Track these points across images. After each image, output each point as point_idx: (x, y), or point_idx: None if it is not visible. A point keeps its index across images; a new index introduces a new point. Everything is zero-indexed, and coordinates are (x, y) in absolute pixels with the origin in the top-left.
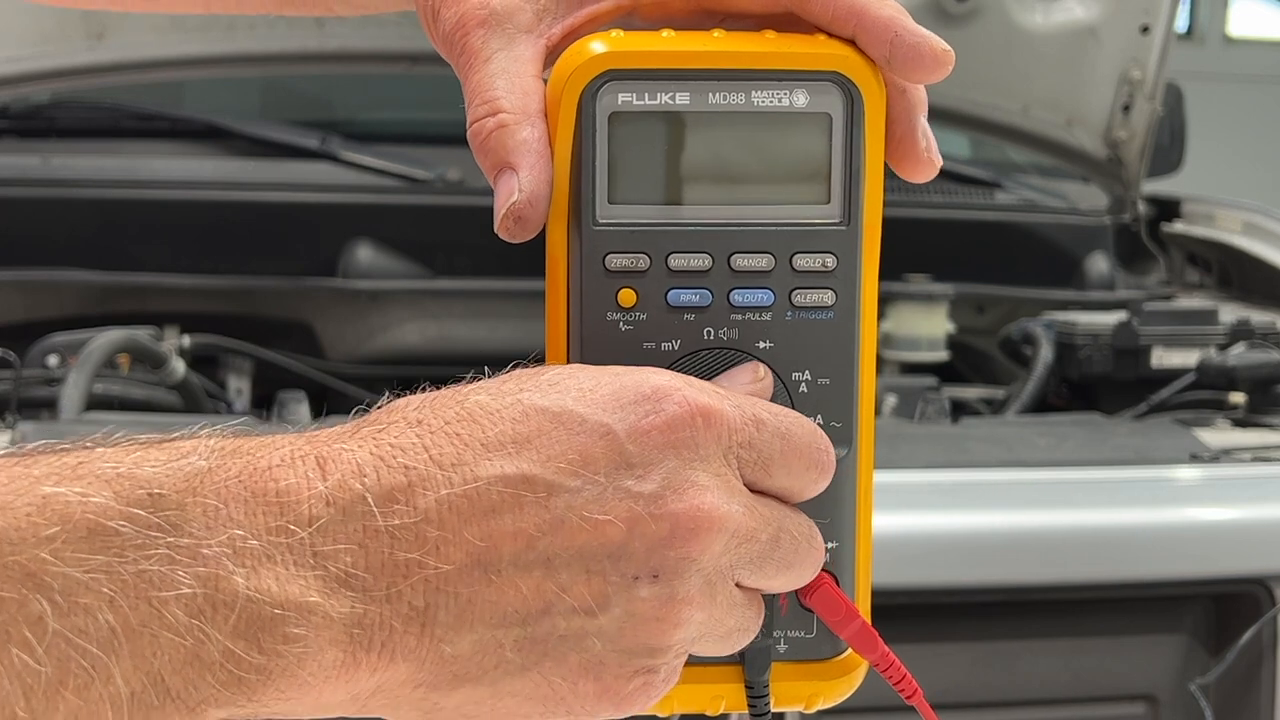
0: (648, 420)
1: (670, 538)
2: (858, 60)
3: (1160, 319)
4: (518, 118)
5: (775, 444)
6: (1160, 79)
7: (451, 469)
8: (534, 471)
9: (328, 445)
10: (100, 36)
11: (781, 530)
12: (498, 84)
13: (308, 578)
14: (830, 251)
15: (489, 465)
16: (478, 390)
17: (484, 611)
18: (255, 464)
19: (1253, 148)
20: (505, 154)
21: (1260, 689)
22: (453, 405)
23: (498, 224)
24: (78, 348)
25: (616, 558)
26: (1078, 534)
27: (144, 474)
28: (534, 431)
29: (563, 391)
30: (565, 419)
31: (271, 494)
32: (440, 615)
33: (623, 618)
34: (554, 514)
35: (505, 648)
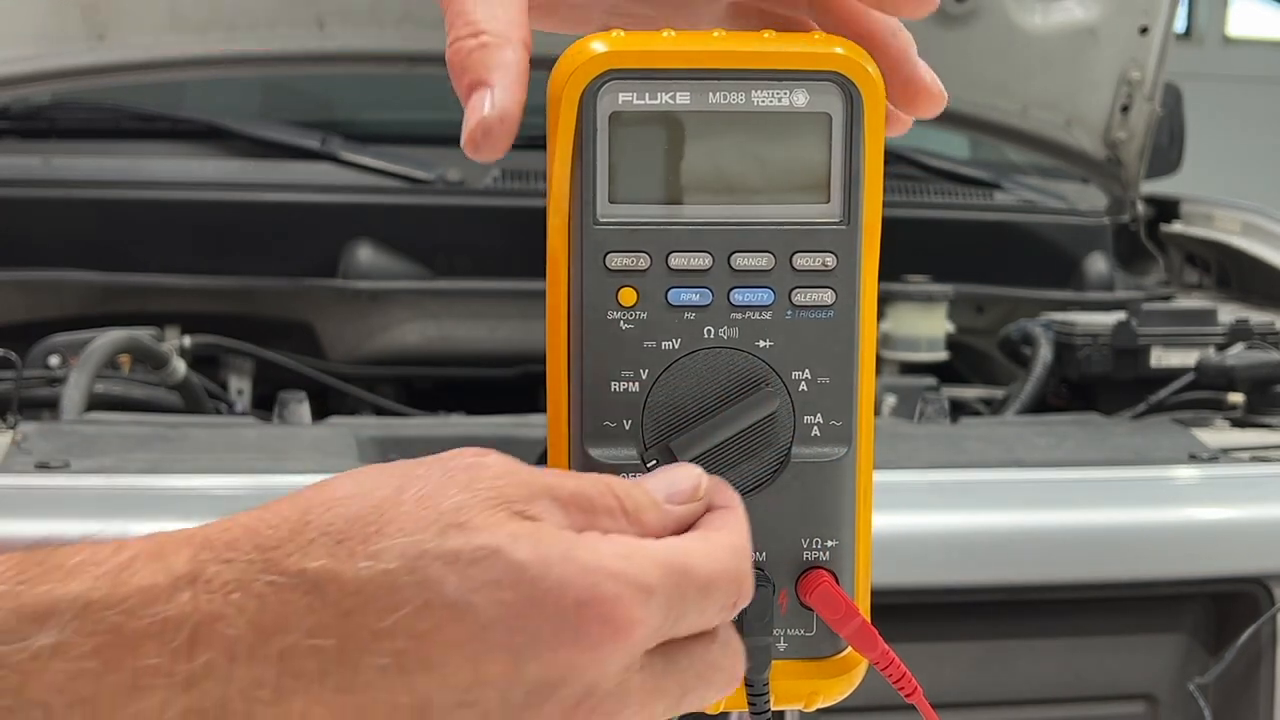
0: (556, 642)
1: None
2: (857, 60)
3: (1159, 319)
4: (499, 40)
5: (693, 618)
6: (1159, 79)
7: (331, 663)
8: (416, 679)
9: (208, 601)
10: (101, 37)
11: (690, 689)
12: (479, 9)
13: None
14: (830, 251)
15: (371, 664)
16: (391, 549)
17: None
18: (120, 631)
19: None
20: (482, 71)
21: (1259, 689)
22: (361, 564)
23: (465, 138)
24: (79, 348)
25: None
26: (1077, 534)
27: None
28: (431, 629)
29: (477, 585)
30: (469, 621)
31: (127, 673)
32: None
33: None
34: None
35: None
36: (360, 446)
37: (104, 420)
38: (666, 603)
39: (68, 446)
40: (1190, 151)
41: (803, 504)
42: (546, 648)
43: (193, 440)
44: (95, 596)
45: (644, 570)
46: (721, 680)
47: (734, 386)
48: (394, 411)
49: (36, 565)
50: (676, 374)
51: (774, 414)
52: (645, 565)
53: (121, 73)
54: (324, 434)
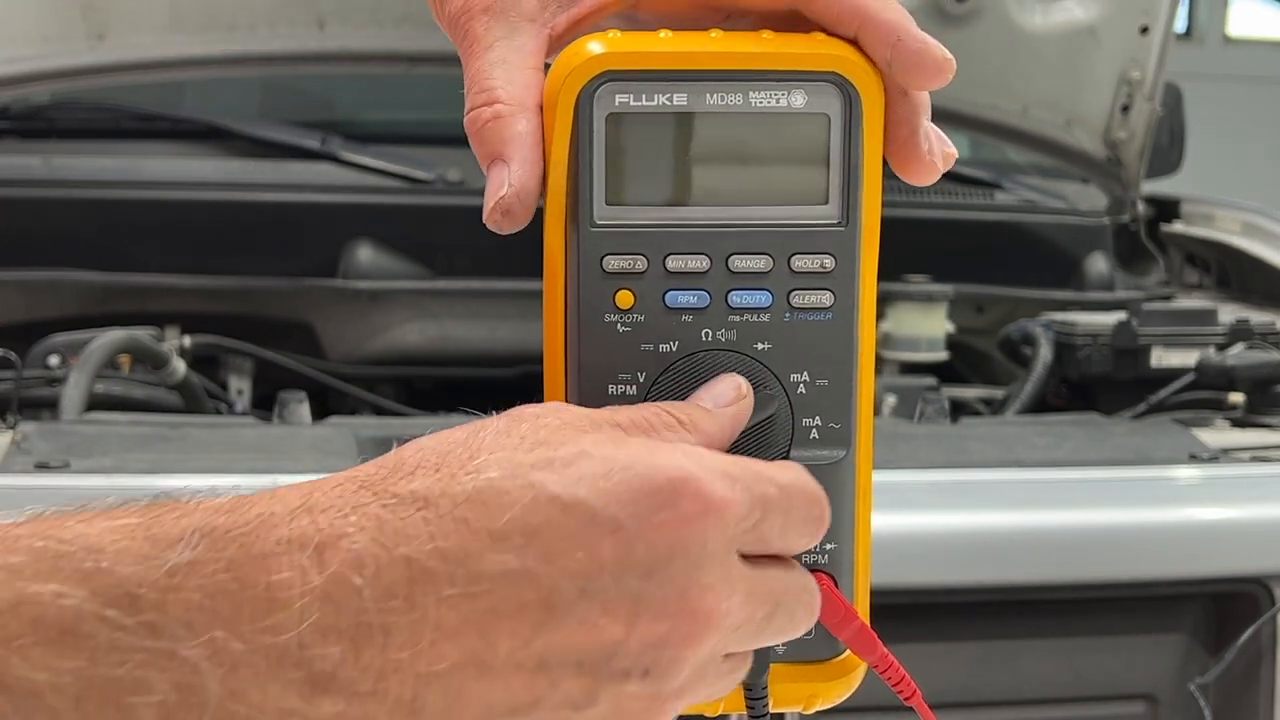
0: (659, 517)
1: (667, 639)
2: (856, 60)
3: (1159, 319)
4: (513, 109)
5: (777, 524)
6: (1159, 79)
7: (456, 563)
8: (539, 570)
9: (329, 523)
10: (101, 37)
11: (778, 604)
12: (496, 73)
13: (291, 679)
14: (828, 252)
15: (494, 561)
16: (489, 462)
17: (473, 704)
18: (249, 550)
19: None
20: (499, 145)
21: (1259, 689)
22: (464, 479)
23: (486, 215)
24: (79, 348)
25: (611, 655)
26: (1077, 534)
27: (124, 571)
28: (543, 522)
29: (576, 479)
30: (576, 511)
31: (261, 588)
32: (427, 708)
33: (608, 712)
34: (552, 613)
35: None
36: (360, 446)
37: (104, 420)
38: (750, 492)
39: (67, 447)
40: (1190, 151)
41: None
42: (650, 526)
43: (193, 440)
44: (218, 523)
45: (722, 462)
46: (804, 606)
47: None
48: (394, 411)
49: (157, 507)
50: (674, 376)
51: (773, 416)
52: (723, 459)
53: (121, 73)
54: (324, 434)
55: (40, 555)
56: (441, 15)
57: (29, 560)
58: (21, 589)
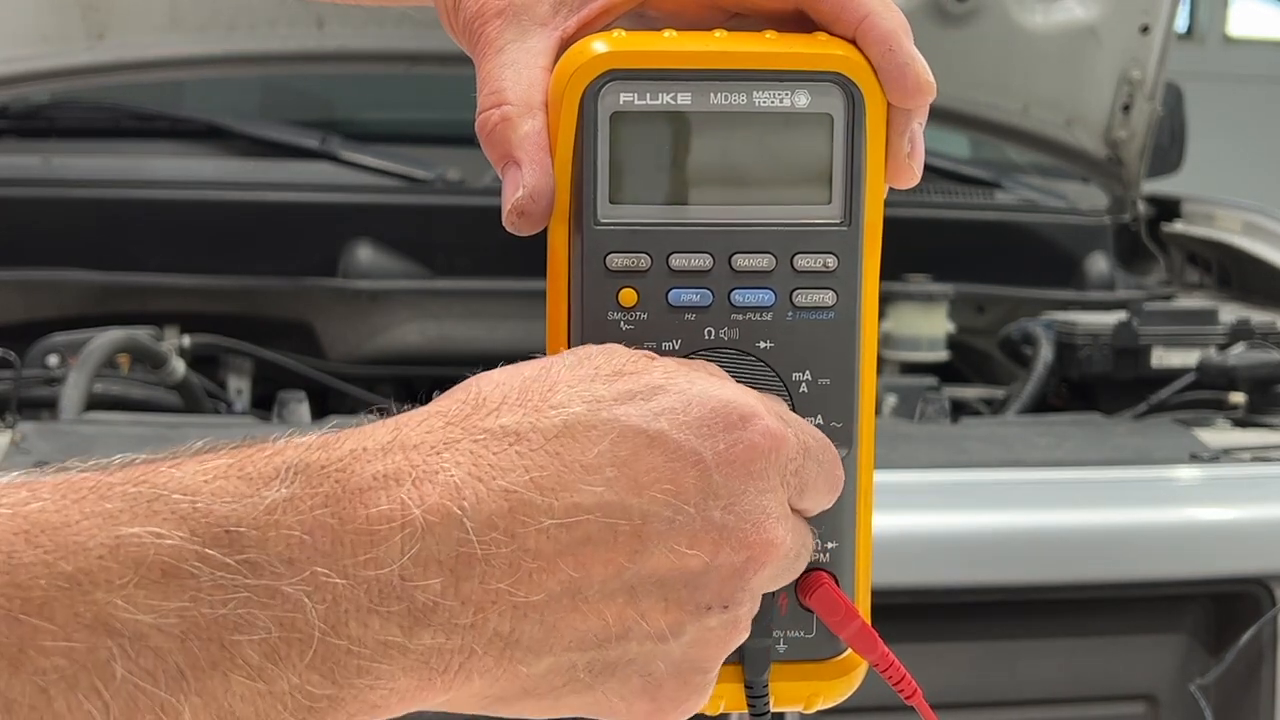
0: (734, 449)
1: (744, 568)
2: (859, 61)
3: (1160, 319)
4: (521, 111)
5: (814, 470)
6: (1160, 79)
7: (553, 494)
8: (631, 501)
9: (423, 459)
10: (100, 36)
11: (802, 549)
12: (505, 75)
13: (391, 612)
14: (831, 252)
15: (589, 492)
16: (571, 396)
17: (565, 636)
18: (345, 485)
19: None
20: (509, 147)
21: (1260, 689)
22: (550, 413)
23: (504, 218)
24: (78, 348)
25: (694, 587)
26: (1078, 534)
27: (221, 511)
28: (631, 455)
29: (657, 412)
30: (661, 443)
31: (361, 521)
32: (523, 639)
33: (690, 644)
34: (644, 543)
35: (578, 669)
36: None
37: (103, 420)
38: (797, 436)
39: (66, 446)
40: (1191, 151)
41: None
42: (725, 457)
43: (192, 440)
44: (311, 459)
45: (773, 404)
46: (804, 558)
47: None
48: (394, 412)
49: (247, 448)
50: None
51: None
52: (773, 402)
53: (121, 72)
54: None
55: (135, 500)
56: (454, 21)
57: (125, 505)
58: (120, 533)
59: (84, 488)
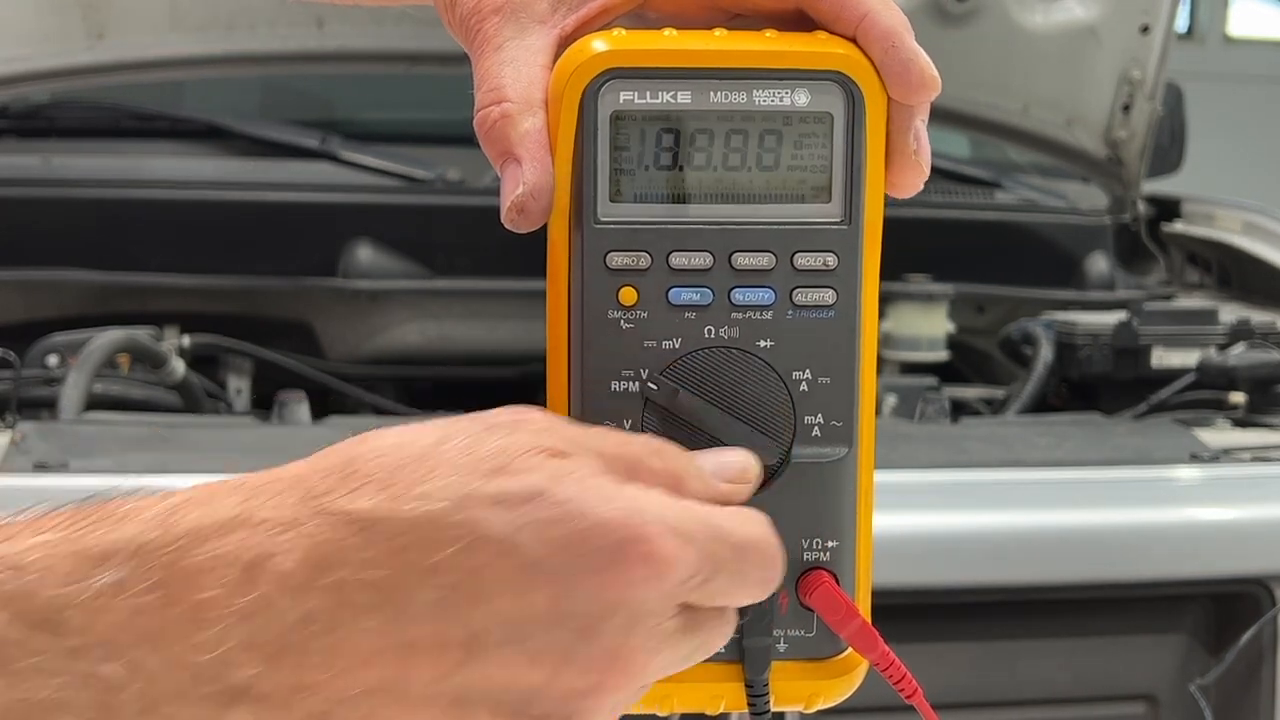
0: (601, 576)
1: (591, 690)
2: (860, 60)
3: (1160, 319)
4: (521, 108)
5: (724, 583)
6: (1160, 79)
7: (384, 594)
8: (467, 612)
9: (261, 540)
10: (100, 36)
11: (697, 648)
12: (505, 72)
13: (206, 693)
14: (831, 250)
15: (422, 597)
16: (440, 489)
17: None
18: (176, 568)
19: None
20: (509, 144)
21: (1260, 689)
22: (410, 503)
23: (503, 215)
24: (78, 348)
25: (530, 699)
26: (1078, 534)
27: (48, 593)
28: (480, 564)
29: (521, 523)
30: (515, 556)
31: (188, 606)
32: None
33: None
34: (474, 656)
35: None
36: None
37: (103, 420)
38: (702, 554)
39: (66, 446)
40: (1191, 151)
41: (803, 504)
42: (589, 583)
43: (191, 440)
44: (148, 539)
45: (682, 519)
46: (716, 643)
47: (735, 387)
48: (394, 411)
49: (88, 515)
50: (677, 374)
51: (773, 414)
52: (684, 515)
53: (121, 72)
54: (323, 434)
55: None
56: (451, 17)
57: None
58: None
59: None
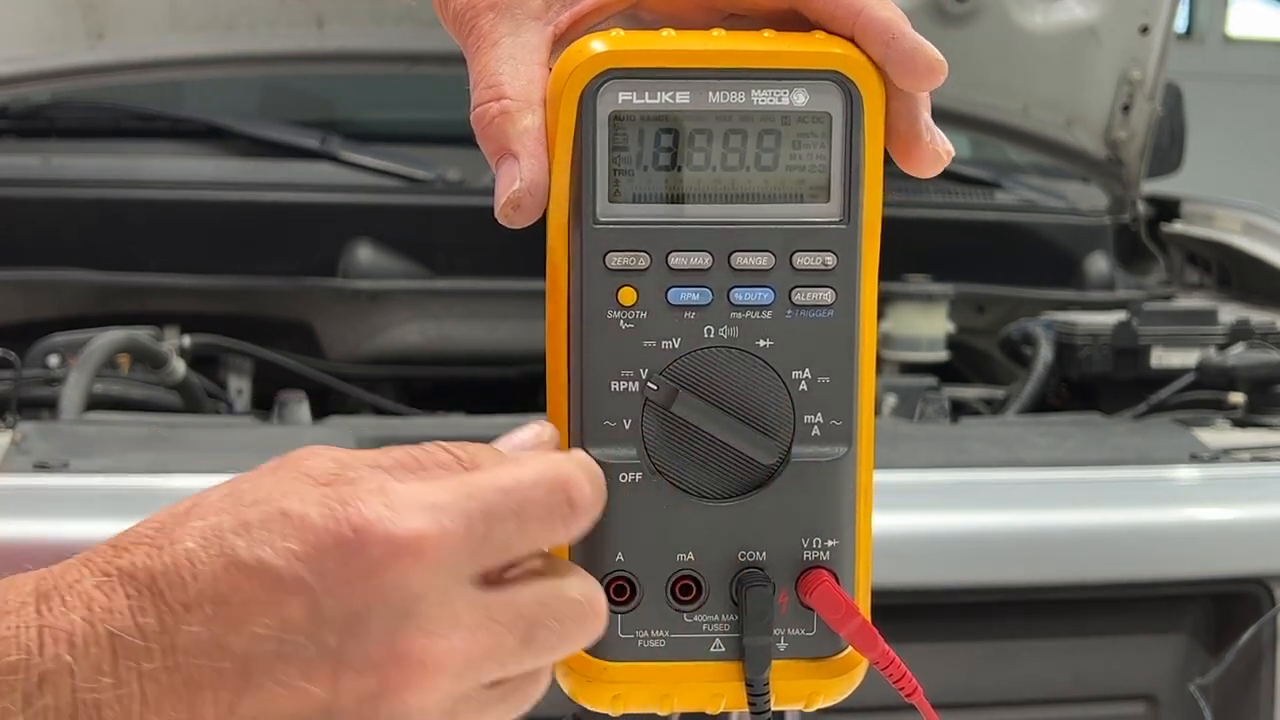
0: (346, 571)
1: (380, 691)
2: (857, 59)
3: (1160, 319)
4: (520, 105)
5: (510, 527)
6: (1160, 79)
7: (153, 638)
8: (229, 638)
9: (48, 611)
10: (100, 36)
11: (535, 623)
12: (503, 69)
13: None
14: (830, 250)
15: (185, 633)
16: (193, 530)
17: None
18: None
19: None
20: (507, 140)
21: (1260, 689)
22: (168, 549)
23: (498, 210)
24: (78, 348)
25: (326, 711)
26: (1078, 534)
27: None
28: (230, 589)
29: (263, 541)
30: (260, 574)
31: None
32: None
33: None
34: (250, 680)
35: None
36: (360, 446)
37: (103, 420)
38: (463, 513)
39: (67, 447)
40: (1191, 151)
41: (803, 504)
42: (336, 580)
43: (192, 440)
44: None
45: (430, 492)
46: (573, 613)
47: (734, 386)
48: (394, 411)
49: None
50: (676, 373)
51: (773, 414)
52: (433, 488)
53: (121, 72)
54: (324, 434)
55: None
56: (445, 12)
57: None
58: None
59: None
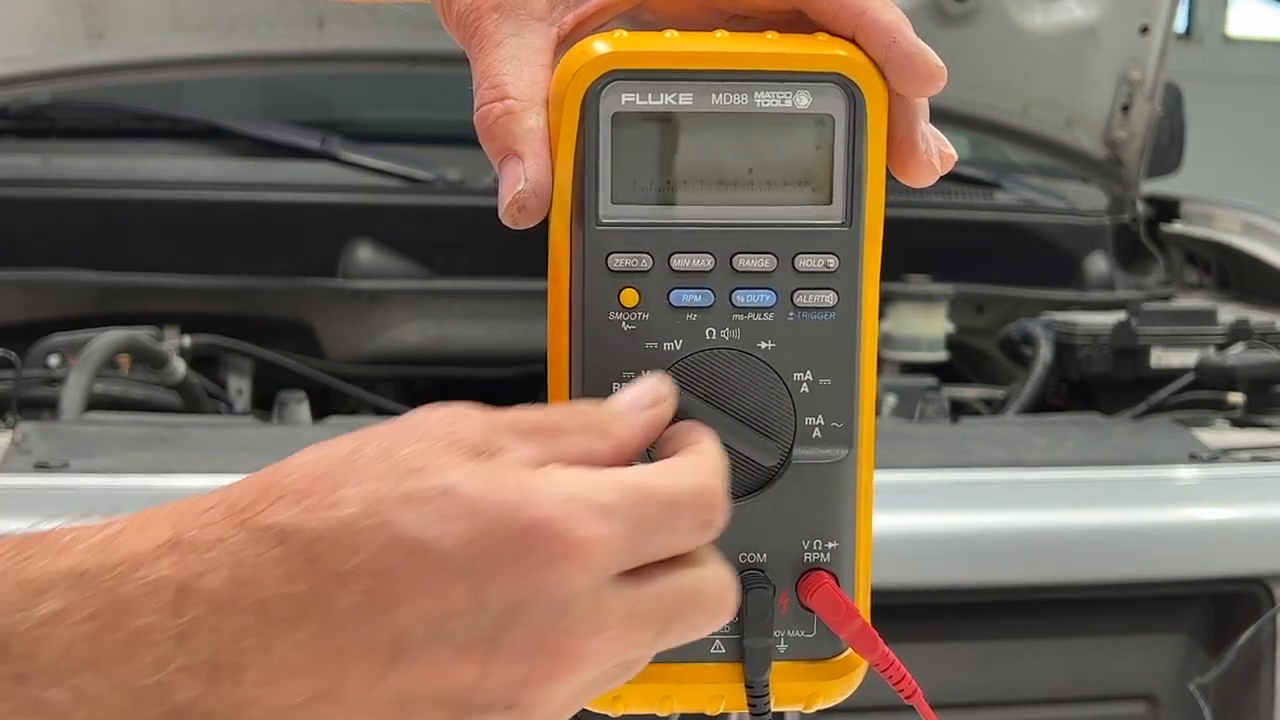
0: (517, 564)
1: (526, 679)
2: (860, 61)
3: (1159, 319)
4: (524, 105)
5: (662, 539)
6: (1160, 79)
7: (306, 607)
8: (386, 613)
9: (191, 562)
10: (100, 36)
11: (671, 617)
12: (506, 69)
13: (150, 715)
14: (832, 252)
15: (342, 605)
16: (352, 496)
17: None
18: (115, 594)
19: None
20: (511, 141)
21: (1260, 689)
22: (323, 513)
23: (502, 211)
24: (78, 348)
25: (468, 694)
26: (1077, 534)
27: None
28: (393, 565)
29: (434, 519)
30: (428, 555)
31: (126, 632)
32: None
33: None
34: (401, 656)
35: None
36: None
37: (103, 420)
38: (627, 520)
39: (67, 447)
40: (1190, 151)
41: (803, 505)
42: (503, 572)
43: (192, 440)
44: (88, 567)
45: (599, 490)
46: (708, 606)
47: (735, 388)
48: (394, 411)
49: (31, 546)
50: (678, 375)
51: (774, 415)
52: (601, 486)
53: (121, 72)
54: (324, 434)
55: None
56: (448, 14)
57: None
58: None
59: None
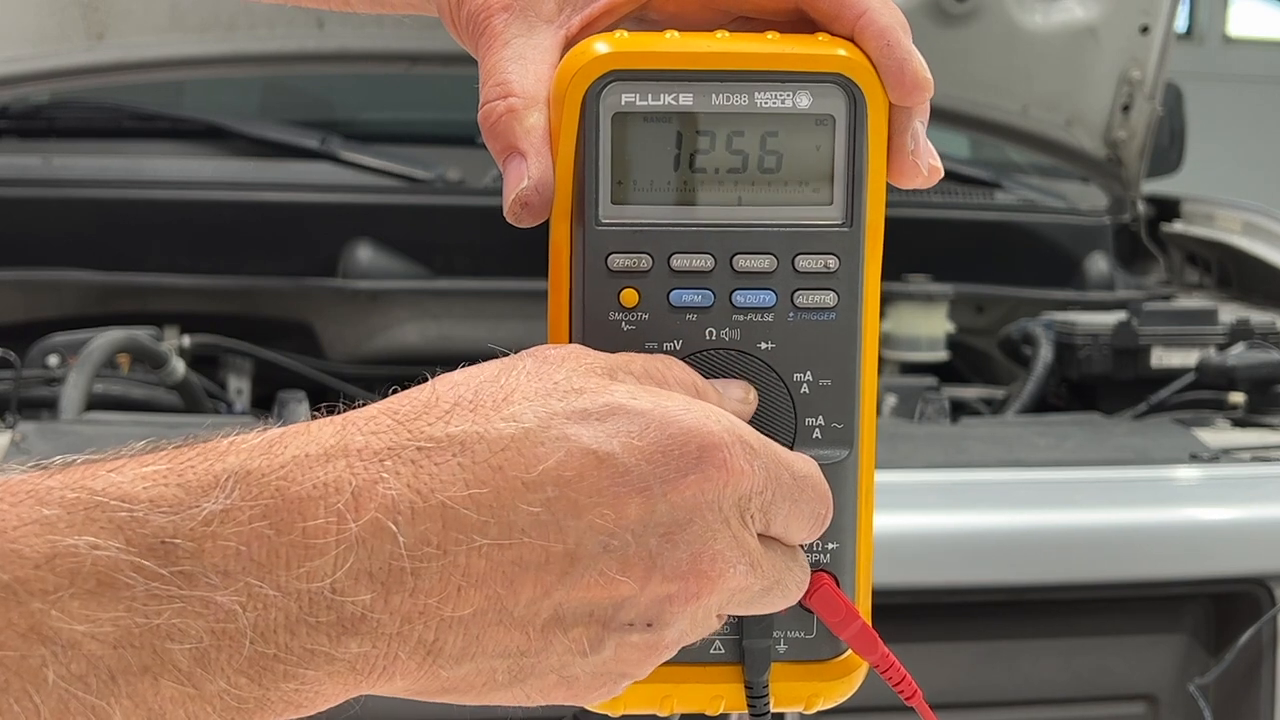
0: (684, 480)
1: (674, 596)
2: (861, 62)
3: (1160, 319)
4: (527, 103)
5: (785, 508)
6: (1160, 79)
7: (490, 512)
8: (568, 523)
9: (364, 466)
10: (100, 36)
11: (775, 583)
12: (511, 68)
13: (320, 622)
14: (832, 253)
15: (526, 513)
16: (525, 410)
17: (488, 646)
18: (284, 494)
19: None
20: (513, 139)
21: (1260, 689)
22: (499, 424)
23: (506, 209)
24: (78, 348)
25: (620, 607)
26: (1078, 534)
27: (158, 521)
28: (575, 475)
29: (610, 434)
30: (608, 465)
31: (298, 534)
32: (446, 648)
33: (609, 657)
34: (575, 566)
35: (498, 673)
36: None
37: (103, 420)
38: (767, 473)
39: (67, 446)
40: (1191, 151)
41: None
42: (675, 487)
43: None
44: (253, 467)
45: (748, 432)
46: (795, 589)
47: None
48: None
49: (189, 451)
50: None
51: (774, 416)
52: (747, 431)
53: (121, 72)
54: None
55: (74, 507)
56: (458, 15)
57: (62, 512)
58: (57, 542)
59: (22, 491)
